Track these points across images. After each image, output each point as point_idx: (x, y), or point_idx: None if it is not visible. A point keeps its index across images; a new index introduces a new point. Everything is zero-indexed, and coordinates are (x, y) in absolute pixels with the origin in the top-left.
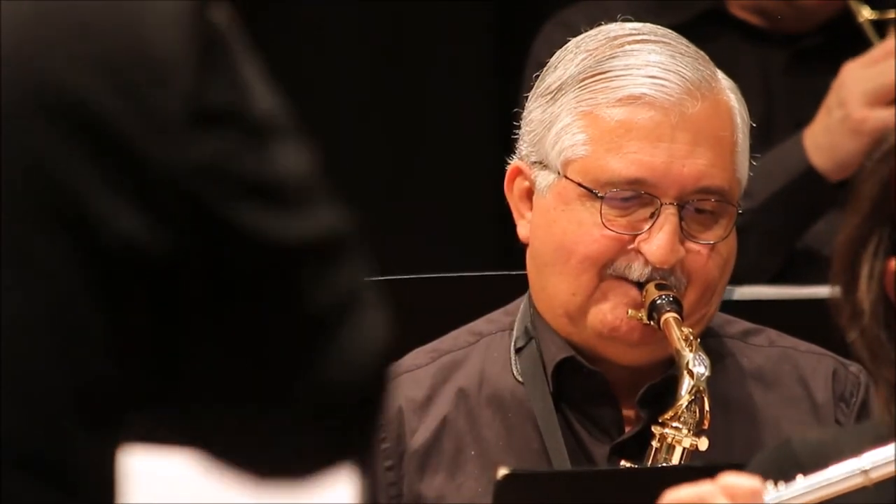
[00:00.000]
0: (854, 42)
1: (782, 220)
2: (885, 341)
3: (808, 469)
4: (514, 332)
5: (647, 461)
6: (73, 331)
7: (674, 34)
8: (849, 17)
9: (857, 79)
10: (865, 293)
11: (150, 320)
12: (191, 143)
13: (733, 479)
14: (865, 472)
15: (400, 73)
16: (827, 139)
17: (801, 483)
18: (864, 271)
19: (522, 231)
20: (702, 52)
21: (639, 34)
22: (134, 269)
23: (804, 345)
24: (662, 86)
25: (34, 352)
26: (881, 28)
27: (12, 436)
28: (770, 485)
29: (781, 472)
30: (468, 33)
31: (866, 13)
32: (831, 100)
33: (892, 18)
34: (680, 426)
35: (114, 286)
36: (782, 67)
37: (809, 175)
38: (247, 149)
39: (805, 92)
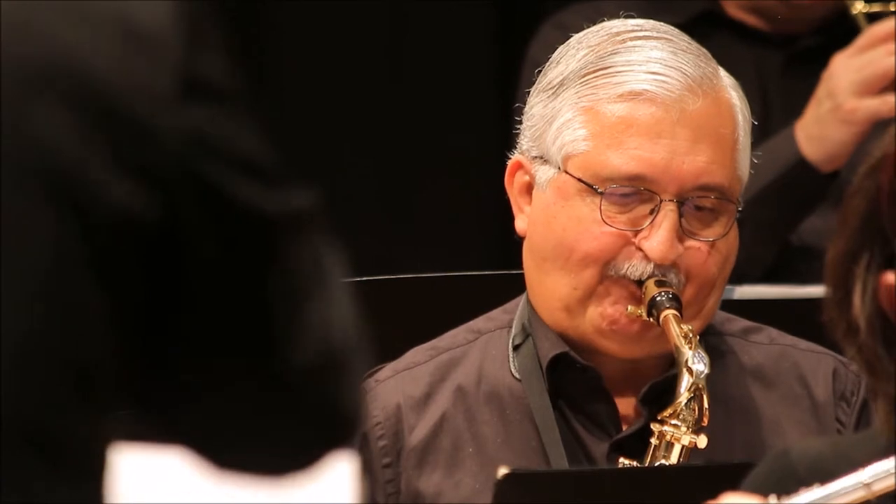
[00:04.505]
0: (849, 43)
1: (775, 211)
2: (883, 356)
3: (807, 482)
4: (513, 330)
5: (647, 459)
6: (70, 304)
7: (676, 31)
8: (844, 18)
9: (845, 69)
10: (860, 309)
11: (145, 291)
12: (181, 112)
13: (735, 499)
14: (867, 485)
15: (401, 74)
16: (818, 130)
17: (804, 496)
18: (858, 287)
19: (520, 224)
20: (704, 49)
21: (641, 30)
22: (128, 239)
23: (804, 343)
24: (664, 82)
25: (31, 326)
26: (875, 21)
27: (9, 411)
28: (773, 498)
29: (780, 484)
30: (468, 35)
31: (859, 6)
32: (821, 91)
33: (885, 11)
34: (679, 423)
35: (109, 257)
36: (778, 68)
37: (801, 166)
38: (233, 121)
39: (801, 93)
